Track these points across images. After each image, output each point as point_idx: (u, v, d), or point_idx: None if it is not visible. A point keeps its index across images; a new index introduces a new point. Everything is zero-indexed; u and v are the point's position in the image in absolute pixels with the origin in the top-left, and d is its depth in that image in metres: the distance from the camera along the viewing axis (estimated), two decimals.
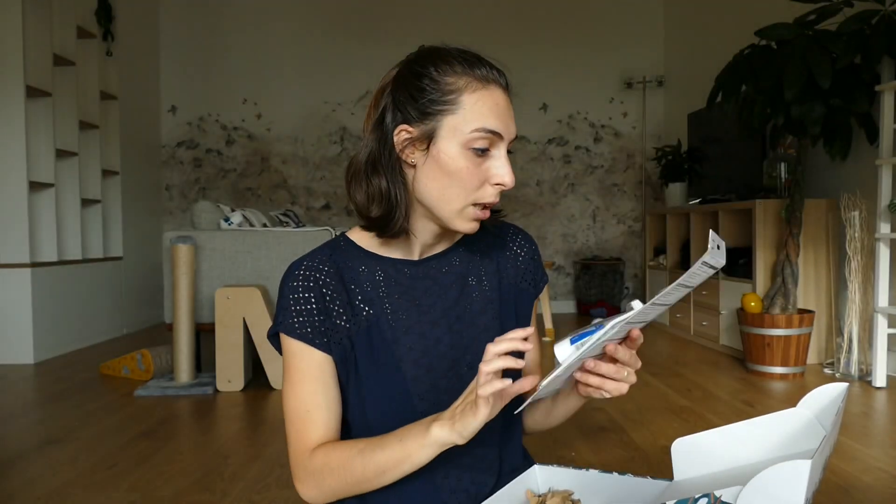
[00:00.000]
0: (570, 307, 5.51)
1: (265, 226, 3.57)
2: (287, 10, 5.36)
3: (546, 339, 3.96)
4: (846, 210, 2.95)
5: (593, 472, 0.90)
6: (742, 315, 3.06)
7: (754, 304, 3.02)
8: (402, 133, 0.86)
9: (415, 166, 0.88)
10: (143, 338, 4.39)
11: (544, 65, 5.41)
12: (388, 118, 0.87)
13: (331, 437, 0.91)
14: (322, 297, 0.90)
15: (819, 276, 3.24)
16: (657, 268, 4.61)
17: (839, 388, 0.87)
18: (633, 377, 0.83)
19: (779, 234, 3.20)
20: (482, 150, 0.85)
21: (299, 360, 0.90)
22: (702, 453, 0.90)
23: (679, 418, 2.32)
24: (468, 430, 0.77)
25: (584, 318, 5.17)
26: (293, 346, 0.91)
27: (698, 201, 4.14)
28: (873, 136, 2.84)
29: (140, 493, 1.71)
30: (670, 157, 4.64)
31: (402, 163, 0.88)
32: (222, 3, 5.36)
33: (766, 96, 2.76)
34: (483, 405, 0.75)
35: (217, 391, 2.83)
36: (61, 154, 3.92)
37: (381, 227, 0.90)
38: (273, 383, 2.89)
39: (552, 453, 1.95)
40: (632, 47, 5.46)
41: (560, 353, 0.80)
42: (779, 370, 2.94)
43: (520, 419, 1.02)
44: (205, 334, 3.18)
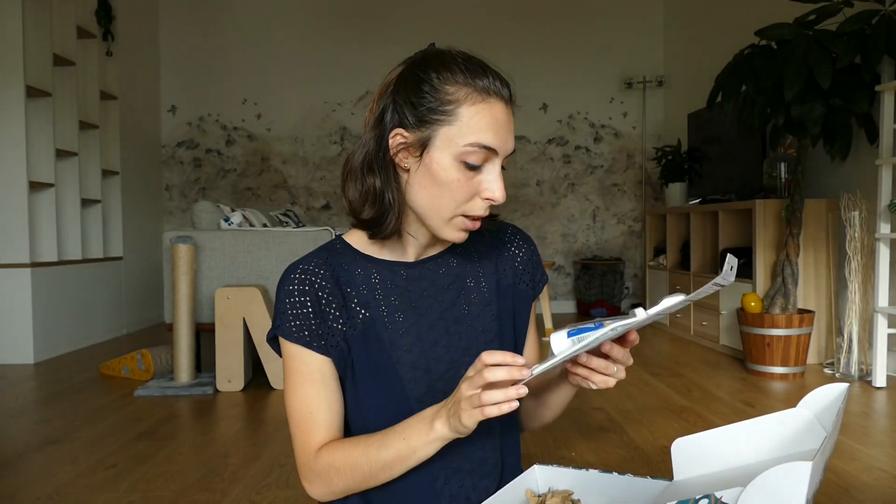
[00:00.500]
0: (570, 307, 5.51)
1: (265, 226, 3.57)
2: (287, 11, 5.36)
3: (546, 340, 3.96)
4: (846, 210, 2.95)
5: (593, 472, 0.90)
6: (742, 315, 3.06)
7: (754, 304, 3.02)
8: (398, 137, 0.86)
9: (408, 171, 0.87)
10: (143, 338, 4.39)
11: (544, 65, 5.41)
12: (387, 118, 0.87)
13: (334, 437, 0.91)
14: (318, 301, 0.90)
15: (819, 276, 3.24)
16: (657, 268, 4.61)
17: (839, 388, 0.86)
18: (622, 373, 0.84)
19: (779, 234, 3.20)
20: (475, 164, 0.84)
21: (299, 364, 0.91)
22: (702, 453, 0.89)
23: (679, 418, 2.32)
24: (466, 429, 0.78)
25: (584, 318, 5.17)
26: (292, 350, 0.91)
27: (698, 201, 4.14)
28: (873, 136, 2.84)
29: (140, 493, 1.71)
30: (670, 157, 4.64)
31: (396, 166, 0.88)
32: (222, 4, 5.36)
33: (766, 96, 2.76)
34: (468, 419, 0.77)
35: (217, 391, 2.83)
36: (61, 154, 3.92)
37: (373, 228, 0.90)
38: (273, 383, 2.89)
39: (552, 453, 1.95)
40: (632, 47, 5.46)
41: (556, 345, 0.80)
42: (779, 370, 2.94)
43: (517, 419, 1.02)
44: (205, 334, 3.18)
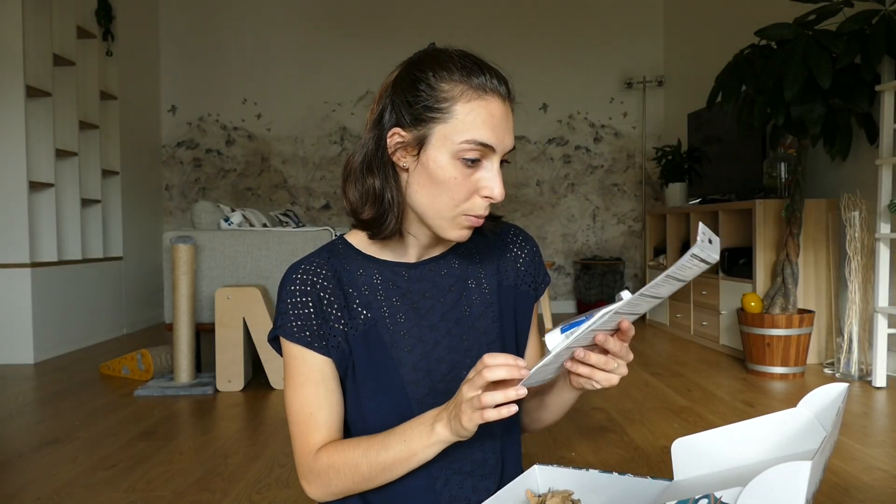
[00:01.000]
0: (570, 307, 5.51)
1: (265, 226, 3.57)
2: (287, 10, 5.36)
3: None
4: (846, 210, 2.95)
5: (593, 472, 0.89)
6: (742, 315, 3.06)
7: (754, 304, 3.02)
8: (395, 136, 0.86)
9: (407, 170, 0.87)
10: (143, 338, 4.39)
11: (544, 65, 5.41)
12: (385, 119, 0.87)
13: (334, 437, 0.91)
14: (319, 301, 0.90)
15: (819, 276, 3.24)
16: (657, 268, 4.61)
17: (839, 388, 0.86)
18: (623, 369, 0.83)
19: (779, 234, 3.20)
20: (472, 161, 0.83)
21: (300, 364, 0.90)
22: (702, 453, 0.89)
23: (679, 418, 2.32)
24: (467, 432, 0.78)
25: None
26: (293, 350, 0.91)
27: (698, 201, 4.14)
28: (873, 136, 2.84)
29: (140, 493, 1.71)
30: (670, 157, 4.64)
31: (395, 165, 0.88)
32: (222, 3, 5.35)
33: (766, 96, 2.76)
34: (468, 422, 0.77)
35: (217, 391, 2.83)
36: (61, 154, 3.92)
37: (373, 228, 0.90)
38: (273, 383, 2.89)
39: (552, 453, 1.95)
40: (632, 47, 5.46)
41: (551, 342, 0.80)
42: (779, 370, 2.94)
43: (518, 420, 1.02)
44: (205, 334, 3.18)
